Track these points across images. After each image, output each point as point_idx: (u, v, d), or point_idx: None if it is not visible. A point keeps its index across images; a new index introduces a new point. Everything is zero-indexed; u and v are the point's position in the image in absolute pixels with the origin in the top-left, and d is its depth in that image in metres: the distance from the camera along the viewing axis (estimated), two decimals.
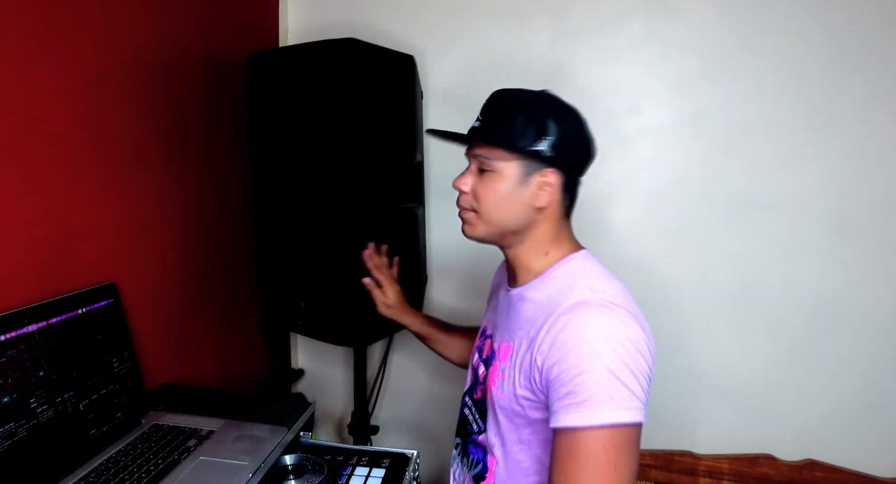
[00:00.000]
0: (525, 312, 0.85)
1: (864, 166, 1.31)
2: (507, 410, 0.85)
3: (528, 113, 0.83)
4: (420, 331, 1.21)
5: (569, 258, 0.86)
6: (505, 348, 0.87)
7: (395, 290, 1.18)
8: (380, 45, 1.23)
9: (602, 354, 0.71)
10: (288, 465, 0.94)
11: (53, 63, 0.90)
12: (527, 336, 0.82)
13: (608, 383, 0.71)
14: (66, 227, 0.94)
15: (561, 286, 0.82)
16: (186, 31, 1.22)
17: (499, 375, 0.86)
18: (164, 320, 1.18)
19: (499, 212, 0.86)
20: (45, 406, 0.82)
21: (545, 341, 0.77)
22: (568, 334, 0.75)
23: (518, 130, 0.82)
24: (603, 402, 0.70)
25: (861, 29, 1.27)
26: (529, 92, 0.86)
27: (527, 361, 0.80)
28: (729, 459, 1.44)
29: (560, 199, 0.85)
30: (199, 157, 1.28)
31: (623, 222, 1.45)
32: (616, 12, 1.39)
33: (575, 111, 0.85)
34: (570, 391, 0.72)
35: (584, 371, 0.71)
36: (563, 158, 0.83)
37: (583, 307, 0.77)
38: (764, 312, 1.40)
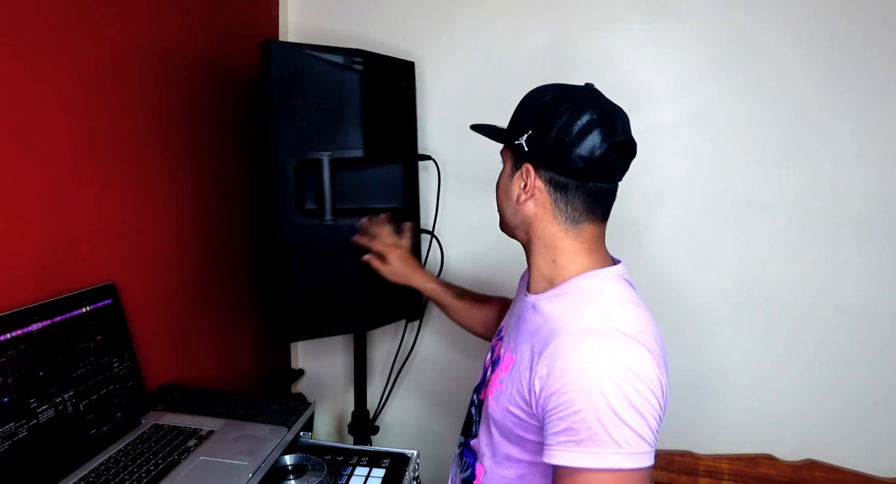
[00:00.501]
0: (532, 324, 0.81)
1: (864, 166, 1.31)
2: (499, 423, 0.82)
3: (527, 106, 0.82)
4: (431, 295, 1.21)
5: (589, 274, 0.80)
6: (508, 359, 0.84)
7: (398, 255, 1.19)
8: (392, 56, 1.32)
9: (605, 392, 0.65)
10: (288, 465, 0.94)
11: (53, 63, 0.90)
12: (528, 353, 0.78)
13: (611, 425, 0.65)
14: (66, 227, 0.94)
15: (572, 305, 0.77)
16: (187, 31, 1.22)
17: (497, 386, 0.83)
18: (164, 320, 1.18)
19: (500, 205, 0.88)
20: (45, 406, 0.82)
21: (543, 366, 0.72)
22: (568, 363, 0.69)
23: (513, 125, 0.83)
24: (604, 444, 0.65)
25: (861, 28, 1.27)
26: (549, 86, 0.83)
27: (525, 381, 0.76)
28: (729, 459, 1.44)
29: (550, 200, 0.80)
30: (200, 156, 1.28)
31: (622, 222, 1.44)
32: (616, 12, 1.39)
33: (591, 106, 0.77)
34: (568, 427, 0.67)
35: (585, 408, 0.66)
36: (540, 153, 0.78)
37: (586, 335, 0.71)
38: (764, 312, 1.40)
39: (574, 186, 0.78)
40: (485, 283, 1.55)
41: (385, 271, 1.19)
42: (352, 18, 1.55)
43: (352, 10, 1.55)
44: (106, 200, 1.02)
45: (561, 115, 0.76)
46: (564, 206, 0.80)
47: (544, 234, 0.82)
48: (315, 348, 1.74)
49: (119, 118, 1.04)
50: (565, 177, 0.78)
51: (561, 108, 0.77)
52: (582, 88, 0.81)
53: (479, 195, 1.49)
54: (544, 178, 0.79)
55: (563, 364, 0.69)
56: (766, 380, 1.42)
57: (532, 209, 0.81)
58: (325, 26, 1.57)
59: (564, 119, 0.76)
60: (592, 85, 0.82)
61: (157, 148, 1.14)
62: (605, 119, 0.76)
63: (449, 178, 1.53)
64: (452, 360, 1.65)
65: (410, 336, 1.61)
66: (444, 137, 1.53)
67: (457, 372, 1.65)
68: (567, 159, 0.76)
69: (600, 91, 0.81)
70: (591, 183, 0.78)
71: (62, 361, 0.86)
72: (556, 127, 0.76)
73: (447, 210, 1.55)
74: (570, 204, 0.79)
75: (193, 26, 1.24)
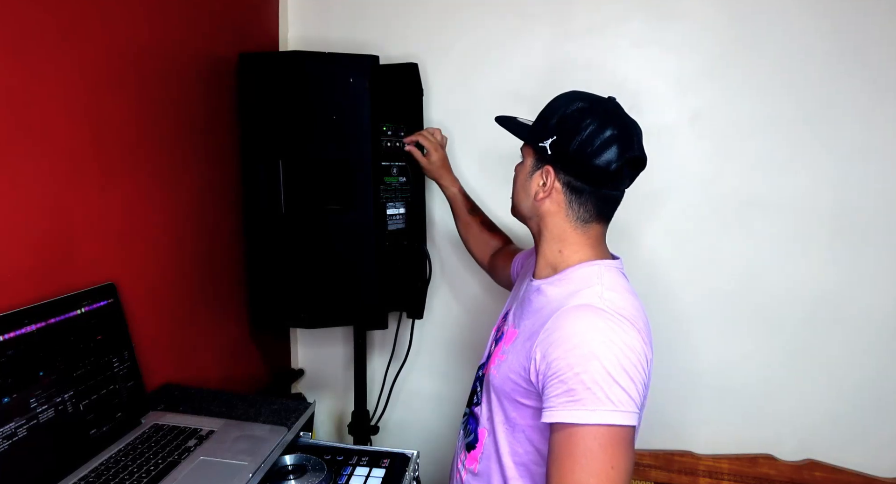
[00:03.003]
0: (536, 304, 0.89)
1: (863, 166, 1.31)
2: (498, 390, 0.90)
3: (552, 111, 0.89)
4: (450, 199, 1.36)
5: (589, 263, 0.88)
6: (511, 333, 0.93)
7: (440, 155, 1.34)
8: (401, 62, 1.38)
9: (601, 356, 0.73)
10: (288, 465, 0.94)
11: (53, 63, 0.90)
12: (530, 327, 0.86)
13: (606, 385, 0.72)
14: (66, 227, 0.94)
15: (573, 288, 0.85)
16: (188, 33, 1.22)
17: (499, 357, 0.92)
18: (164, 320, 1.18)
19: (516, 197, 0.96)
20: (45, 406, 0.82)
21: (545, 335, 0.80)
22: (569, 332, 0.77)
23: (539, 126, 0.90)
24: (601, 401, 0.72)
25: (861, 28, 1.27)
26: (577, 95, 0.89)
27: (525, 350, 0.84)
28: (729, 459, 1.44)
29: (565, 200, 0.88)
30: (200, 157, 1.28)
31: (622, 222, 1.45)
32: (616, 12, 1.39)
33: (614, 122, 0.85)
34: (568, 389, 0.74)
35: (583, 371, 0.73)
36: (562, 158, 0.86)
37: (585, 310, 0.79)
38: (764, 312, 1.40)
39: (588, 191, 0.87)
40: (483, 283, 1.56)
41: (423, 163, 1.34)
42: (351, 22, 1.55)
43: (352, 15, 1.55)
44: (106, 200, 1.02)
45: (586, 127, 0.84)
46: (577, 207, 0.88)
47: (555, 229, 0.90)
48: (315, 348, 1.74)
49: (119, 119, 1.04)
50: (582, 182, 0.86)
51: (587, 121, 0.84)
52: (607, 103, 0.88)
53: (479, 195, 1.50)
54: (563, 180, 0.87)
55: (564, 335, 0.77)
56: (766, 380, 1.42)
57: (547, 206, 0.89)
58: (326, 33, 1.58)
59: (588, 131, 0.84)
60: (615, 99, 0.89)
61: (157, 148, 1.15)
62: (624, 135, 0.85)
63: None
64: (453, 360, 1.65)
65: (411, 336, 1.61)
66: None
67: (457, 372, 1.65)
68: (586, 168, 0.85)
69: (621, 106, 0.89)
70: (604, 190, 0.87)
71: (62, 361, 0.86)
72: (580, 137, 0.84)
73: (446, 208, 1.55)
74: (582, 206, 0.88)
75: (195, 31, 1.25)
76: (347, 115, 1.25)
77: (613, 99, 0.89)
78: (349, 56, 1.28)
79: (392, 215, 1.34)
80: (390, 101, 1.31)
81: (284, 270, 1.30)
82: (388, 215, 1.33)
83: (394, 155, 1.34)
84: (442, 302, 1.63)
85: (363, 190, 1.27)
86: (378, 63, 1.28)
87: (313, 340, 1.73)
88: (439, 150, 1.34)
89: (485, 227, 1.35)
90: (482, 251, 1.34)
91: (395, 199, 1.35)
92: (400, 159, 1.35)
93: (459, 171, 1.53)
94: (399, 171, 1.35)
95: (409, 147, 1.33)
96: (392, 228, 1.33)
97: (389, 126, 1.32)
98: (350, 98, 1.25)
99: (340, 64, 1.25)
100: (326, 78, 1.24)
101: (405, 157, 1.34)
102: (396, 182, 1.35)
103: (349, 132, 1.26)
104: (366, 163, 1.27)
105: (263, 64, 1.29)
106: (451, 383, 1.65)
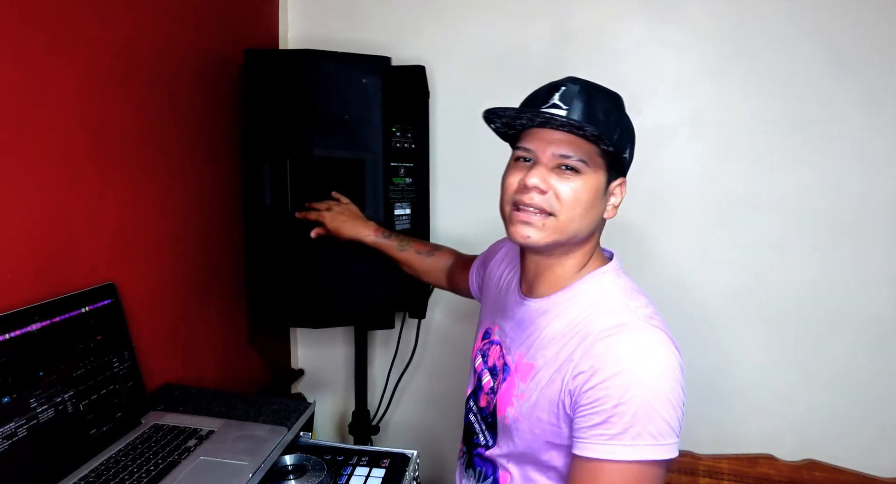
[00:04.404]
0: (550, 329, 0.79)
1: (863, 166, 1.31)
2: (524, 433, 0.80)
3: (617, 111, 0.77)
4: (373, 244, 1.20)
5: (599, 271, 0.81)
6: (525, 367, 0.81)
7: (331, 215, 1.20)
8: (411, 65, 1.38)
9: (643, 385, 0.67)
10: (288, 465, 0.94)
11: (53, 63, 0.90)
12: (555, 358, 0.76)
13: (647, 417, 0.66)
14: (66, 227, 0.94)
15: (592, 303, 0.77)
16: (187, 33, 1.22)
17: (516, 396, 0.81)
18: (164, 320, 1.18)
19: (580, 221, 0.76)
20: (45, 406, 0.82)
21: (581, 365, 0.72)
22: (609, 361, 0.70)
23: (612, 128, 0.74)
24: (640, 436, 0.66)
25: (860, 28, 1.27)
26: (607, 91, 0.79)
27: (555, 388, 0.75)
28: (729, 459, 1.44)
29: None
30: (199, 157, 1.28)
31: (622, 223, 1.44)
32: (616, 12, 1.39)
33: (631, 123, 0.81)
34: (604, 421, 0.68)
35: (623, 402, 0.67)
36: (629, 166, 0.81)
37: (618, 332, 0.72)
38: (764, 312, 1.40)
39: None
40: None
41: (331, 233, 1.20)
42: (351, 22, 1.55)
43: (351, 14, 1.55)
44: (106, 200, 1.02)
45: (633, 133, 0.80)
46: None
47: (594, 244, 0.83)
48: (315, 348, 1.74)
49: (119, 119, 1.04)
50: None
51: (631, 125, 0.80)
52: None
53: (481, 195, 1.49)
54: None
55: (601, 362, 0.70)
56: (766, 380, 1.42)
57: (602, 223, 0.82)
58: (325, 31, 1.57)
59: (634, 137, 0.80)
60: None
61: (157, 149, 1.15)
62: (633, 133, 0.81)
63: (450, 178, 1.53)
64: (453, 360, 1.65)
65: (411, 336, 1.61)
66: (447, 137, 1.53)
67: (457, 372, 1.64)
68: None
69: None
70: None
71: (62, 361, 0.86)
72: (634, 144, 0.80)
73: (448, 210, 1.55)
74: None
75: (195, 31, 1.25)
76: (360, 116, 1.26)
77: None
78: (362, 56, 1.28)
79: (399, 216, 1.35)
80: (397, 103, 1.30)
81: (291, 269, 1.29)
82: (395, 216, 1.34)
83: (403, 155, 1.34)
84: (442, 302, 1.63)
85: (374, 190, 1.28)
86: (390, 64, 1.29)
87: (313, 340, 1.73)
88: (328, 211, 1.21)
89: (424, 255, 1.22)
90: (436, 278, 1.23)
91: (401, 199, 1.35)
92: (408, 160, 1.35)
93: (462, 176, 1.53)
94: (406, 171, 1.35)
95: (313, 233, 1.22)
96: (399, 229, 1.33)
97: (398, 127, 1.32)
98: (362, 98, 1.25)
99: (353, 64, 1.26)
100: (339, 77, 1.23)
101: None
102: (403, 183, 1.35)
103: (362, 132, 1.26)
104: (379, 163, 1.28)
105: (272, 61, 1.27)
106: (452, 383, 1.65)
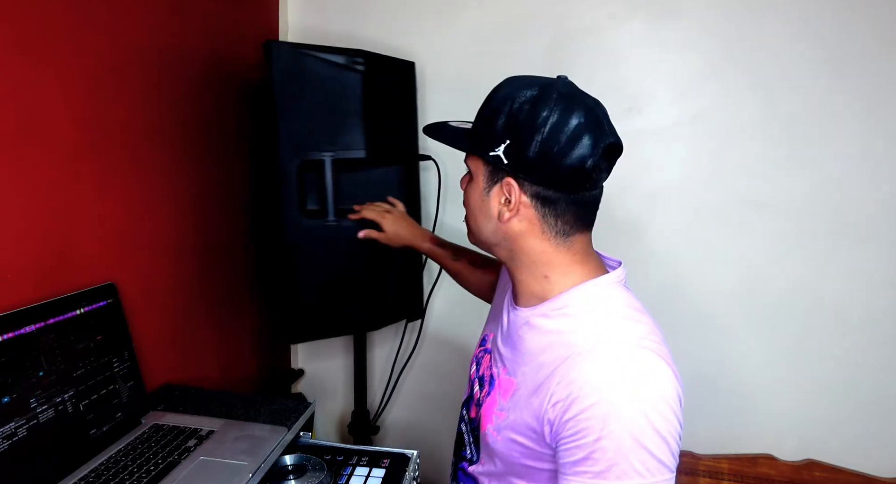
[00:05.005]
0: (531, 343, 0.74)
1: (864, 166, 1.30)
2: (502, 454, 0.75)
3: (497, 108, 0.71)
4: (427, 252, 1.20)
5: (587, 285, 0.73)
6: (506, 383, 0.76)
7: (391, 219, 1.18)
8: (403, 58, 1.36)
9: (625, 417, 0.60)
10: (288, 465, 0.94)
11: (53, 63, 0.90)
12: (534, 377, 0.71)
13: (632, 452, 0.60)
14: (66, 227, 0.94)
15: (575, 319, 0.71)
16: (187, 31, 1.22)
17: (496, 413, 0.76)
18: (164, 320, 1.18)
19: (476, 222, 0.78)
20: (45, 406, 0.82)
21: (558, 392, 0.66)
22: (586, 388, 0.63)
23: (483, 130, 0.73)
24: (626, 475, 0.60)
25: (863, 28, 1.27)
26: (521, 82, 0.72)
27: (532, 410, 0.69)
28: (729, 459, 1.44)
29: (538, 215, 0.72)
30: (199, 156, 1.28)
31: (622, 223, 1.45)
32: (616, 12, 1.39)
33: (576, 107, 0.69)
34: (586, 457, 0.62)
35: (604, 436, 0.61)
36: (522, 165, 0.69)
37: (600, 354, 0.65)
38: (764, 312, 1.40)
39: (564, 199, 0.71)
40: None
41: (382, 239, 1.18)
42: (352, 19, 1.55)
43: (352, 11, 1.55)
44: (106, 200, 1.02)
45: (545, 121, 0.67)
46: (554, 220, 0.72)
47: (532, 251, 0.74)
48: (315, 348, 1.74)
49: (119, 118, 1.04)
50: (554, 190, 0.70)
51: (543, 113, 0.68)
52: (559, 85, 0.71)
53: None
54: (529, 192, 0.71)
55: (581, 390, 0.63)
56: (766, 380, 1.42)
57: (516, 226, 0.73)
58: (326, 27, 1.57)
59: (549, 126, 0.67)
60: (566, 78, 0.73)
61: (157, 148, 1.15)
62: (592, 121, 0.68)
63: (450, 179, 1.53)
64: (453, 360, 1.65)
65: (411, 336, 1.61)
66: None
67: (457, 372, 1.64)
68: (556, 172, 0.68)
69: (575, 84, 0.73)
70: (583, 193, 0.72)
71: (62, 361, 0.86)
72: (541, 136, 0.67)
73: (447, 211, 1.55)
74: (560, 218, 0.72)
75: (194, 27, 1.24)
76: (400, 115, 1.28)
77: (565, 77, 0.73)
78: (395, 59, 1.33)
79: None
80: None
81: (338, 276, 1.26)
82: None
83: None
84: (442, 301, 1.63)
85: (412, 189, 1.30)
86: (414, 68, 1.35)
87: (314, 340, 1.73)
88: (388, 214, 1.19)
89: (475, 266, 1.17)
90: (485, 293, 1.16)
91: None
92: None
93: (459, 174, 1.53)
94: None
95: (362, 233, 1.19)
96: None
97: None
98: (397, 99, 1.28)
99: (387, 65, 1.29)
100: (380, 77, 1.24)
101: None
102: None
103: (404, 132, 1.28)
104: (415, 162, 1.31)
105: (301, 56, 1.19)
106: (452, 383, 1.65)
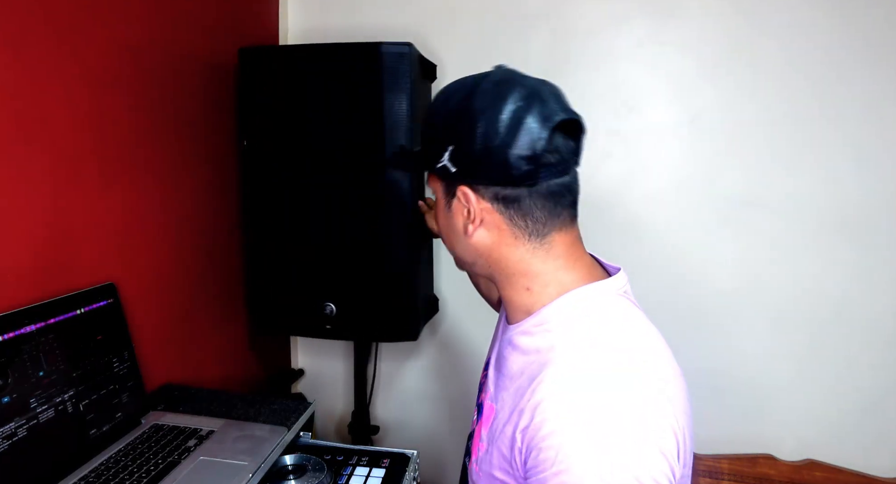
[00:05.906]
0: (512, 365, 0.67)
1: (865, 166, 1.31)
2: None
3: (436, 117, 0.67)
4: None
5: (569, 294, 0.65)
6: (488, 410, 0.70)
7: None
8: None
9: (588, 458, 0.52)
10: (288, 465, 0.94)
11: (53, 63, 0.90)
12: (510, 403, 0.63)
13: None
14: (66, 227, 0.94)
15: (555, 334, 0.63)
16: (187, 31, 1.22)
17: (479, 446, 0.70)
18: (164, 320, 1.18)
19: (451, 246, 0.73)
20: (45, 406, 0.82)
21: (524, 419, 0.58)
22: (549, 416, 0.56)
23: (428, 143, 0.68)
24: None
25: (861, 28, 1.27)
26: (453, 86, 0.68)
27: (506, 440, 0.62)
28: (729, 459, 1.44)
29: (503, 219, 0.65)
30: (200, 157, 1.28)
31: (623, 223, 1.45)
32: (616, 12, 1.39)
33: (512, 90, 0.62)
34: None
35: (564, 470, 0.52)
36: (471, 169, 0.63)
37: (572, 376, 0.58)
38: (764, 312, 1.40)
39: (526, 195, 0.63)
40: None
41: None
42: (352, 19, 1.55)
43: (352, 11, 1.55)
44: (106, 200, 1.02)
45: (478, 114, 0.61)
46: (523, 221, 0.64)
47: (508, 262, 0.67)
48: (315, 349, 1.74)
49: (119, 119, 1.04)
50: (513, 187, 0.63)
51: (475, 107, 0.62)
52: (493, 74, 0.66)
53: None
54: (487, 196, 0.64)
55: (540, 417, 0.56)
56: (766, 380, 1.42)
57: (483, 237, 0.66)
58: (326, 27, 1.57)
59: (486, 117, 0.61)
60: (504, 66, 0.68)
61: (157, 148, 1.15)
62: (533, 101, 0.61)
63: None
64: (453, 359, 1.65)
65: None
66: None
67: (458, 373, 1.65)
68: (506, 166, 0.61)
69: (517, 70, 0.67)
70: (546, 182, 0.63)
71: (62, 361, 0.86)
72: (478, 130, 0.61)
73: None
74: (528, 216, 0.64)
75: (194, 28, 1.25)
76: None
77: (502, 66, 0.68)
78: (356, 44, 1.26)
79: None
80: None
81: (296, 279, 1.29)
82: None
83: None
84: (442, 302, 1.63)
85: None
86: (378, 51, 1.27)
87: (313, 340, 1.73)
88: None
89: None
90: (493, 303, 1.11)
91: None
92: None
93: None
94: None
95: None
96: None
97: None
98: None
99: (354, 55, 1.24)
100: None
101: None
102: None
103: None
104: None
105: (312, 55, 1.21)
106: (452, 383, 1.65)
